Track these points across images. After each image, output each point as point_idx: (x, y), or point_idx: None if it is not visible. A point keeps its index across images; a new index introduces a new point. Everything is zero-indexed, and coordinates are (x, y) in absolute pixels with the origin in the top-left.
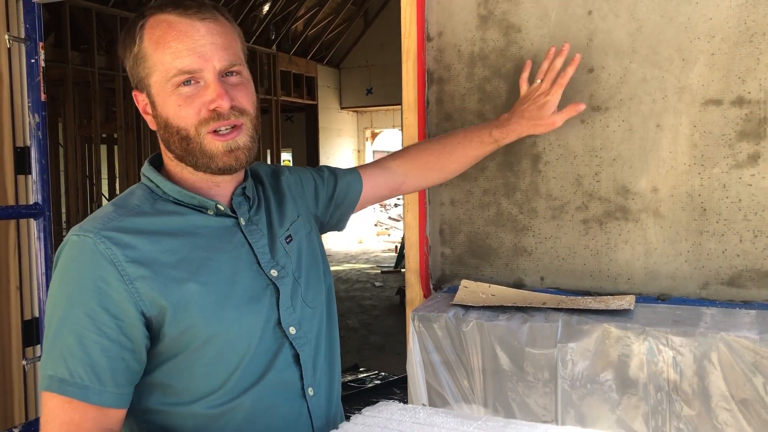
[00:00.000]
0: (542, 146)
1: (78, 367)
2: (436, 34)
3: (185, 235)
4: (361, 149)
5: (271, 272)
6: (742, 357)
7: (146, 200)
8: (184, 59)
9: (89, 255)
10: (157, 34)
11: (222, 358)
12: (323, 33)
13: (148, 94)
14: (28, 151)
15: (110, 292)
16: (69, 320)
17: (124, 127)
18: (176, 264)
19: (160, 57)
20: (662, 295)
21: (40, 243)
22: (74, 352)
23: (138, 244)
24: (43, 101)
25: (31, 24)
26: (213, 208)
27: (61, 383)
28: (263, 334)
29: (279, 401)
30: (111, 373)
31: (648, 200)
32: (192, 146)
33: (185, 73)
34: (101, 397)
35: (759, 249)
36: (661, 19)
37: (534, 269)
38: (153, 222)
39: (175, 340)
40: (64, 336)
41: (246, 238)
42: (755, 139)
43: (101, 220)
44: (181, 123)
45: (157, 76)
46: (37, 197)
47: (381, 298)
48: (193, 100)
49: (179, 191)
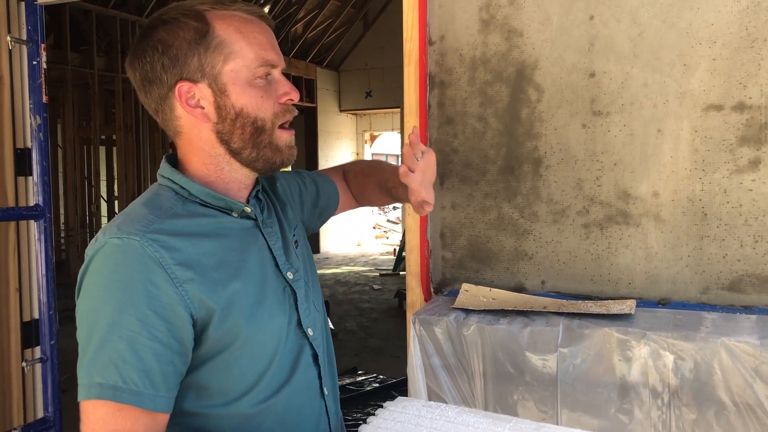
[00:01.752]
0: (543, 150)
1: (132, 373)
2: (438, 38)
3: (217, 237)
4: (360, 152)
5: (288, 274)
6: (743, 362)
7: (176, 202)
8: (269, 52)
9: (137, 258)
10: (236, 24)
11: (256, 358)
12: (323, 36)
13: (213, 82)
14: (28, 152)
15: (160, 295)
16: (119, 326)
17: (123, 129)
18: (216, 266)
19: (246, 45)
20: (663, 300)
21: (40, 245)
22: (126, 358)
23: (181, 246)
24: (44, 103)
25: (33, 26)
26: (239, 210)
27: (115, 390)
28: (288, 335)
29: (305, 400)
30: (163, 378)
31: (649, 205)
32: (263, 138)
33: (269, 66)
34: (155, 402)
35: (760, 254)
36: (662, 25)
37: (535, 273)
38: (188, 224)
39: (218, 341)
40: (114, 342)
41: (266, 241)
42: (756, 144)
43: (141, 221)
44: (261, 113)
45: (237, 63)
46: (37, 199)
47: (379, 301)
48: (270, 93)
49: (207, 193)
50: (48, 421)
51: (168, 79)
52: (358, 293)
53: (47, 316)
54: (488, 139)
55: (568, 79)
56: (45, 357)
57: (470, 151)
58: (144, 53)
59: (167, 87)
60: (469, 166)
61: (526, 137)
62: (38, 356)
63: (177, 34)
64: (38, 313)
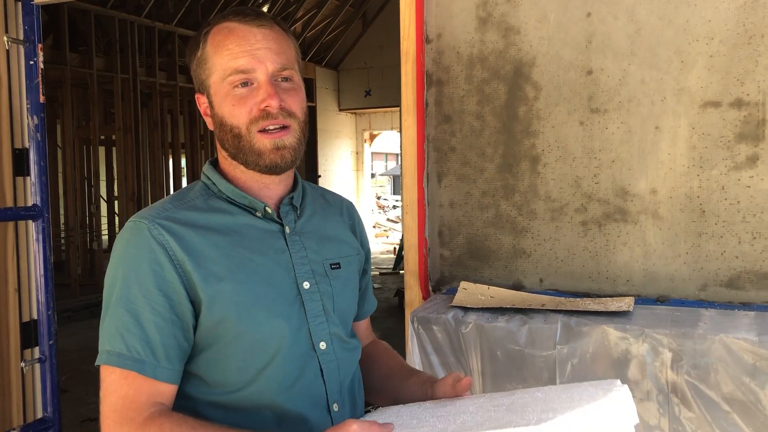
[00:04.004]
0: (541, 148)
1: (135, 343)
2: (435, 36)
3: (231, 233)
4: (360, 151)
5: (304, 284)
6: (741, 358)
7: (201, 196)
8: (239, 60)
9: (144, 239)
10: (217, 39)
11: (252, 355)
12: (322, 35)
13: (207, 94)
14: (26, 152)
15: (164, 274)
16: (125, 299)
17: (123, 129)
18: (217, 258)
19: (219, 59)
20: (661, 297)
21: (38, 245)
22: (131, 329)
23: (187, 235)
24: (41, 103)
25: (29, 26)
26: (261, 210)
27: (119, 357)
28: (294, 341)
29: (308, 411)
30: (164, 350)
31: (647, 202)
32: (243, 143)
33: (239, 73)
34: (155, 371)
35: (758, 251)
36: (659, 22)
37: (533, 271)
38: (204, 217)
39: (210, 331)
40: (121, 314)
41: (287, 246)
42: (754, 140)
43: (157, 209)
44: (234, 121)
45: (215, 76)
46: (35, 199)
47: (379, 300)
48: (246, 100)
49: (233, 190)
50: (47, 422)
51: (196, 88)
52: None
53: (46, 317)
54: (486, 137)
55: (565, 77)
56: (44, 357)
57: (468, 149)
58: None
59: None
60: (467, 164)
61: (523, 135)
62: (37, 356)
63: (189, 50)
64: (37, 313)
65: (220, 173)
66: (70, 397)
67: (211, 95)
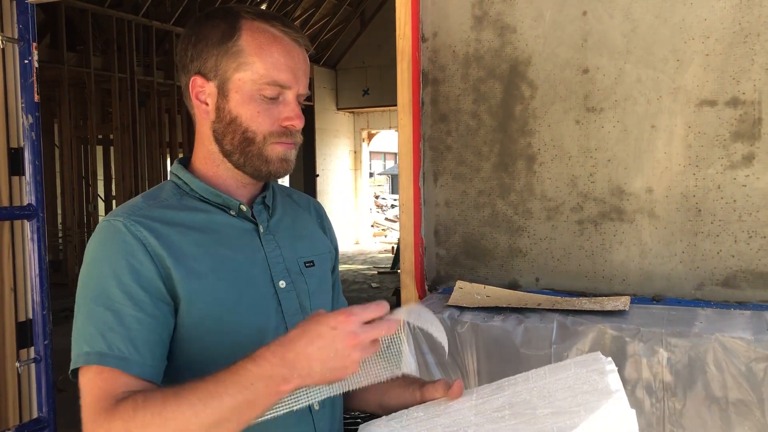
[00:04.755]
0: (537, 147)
1: (117, 341)
2: (431, 35)
3: (208, 231)
4: (358, 150)
5: (280, 283)
6: (737, 357)
7: (174, 195)
8: (282, 74)
9: (120, 236)
10: (261, 40)
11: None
12: (320, 34)
13: (221, 85)
14: (21, 152)
15: (141, 269)
16: (104, 297)
17: (120, 129)
18: (198, 257)
19: (259, 60)
20: (657, 296)
21: (33, 244)
22: (112, 327)
23: (165, 232)
24: (36, 102)
25: (24, 24)
26: (236, 208)
27: (101, 356)
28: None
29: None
30: (149, 346)
31: (643, 201)
32: (251, 149)
33: (278, 86)
34: (142, 369)
35: (754, 250)
36: (655, 20)
37: (529, 270)
38: (179, 215)
39: (189, 330)
40: (100, 312)
41: (262, 245)
42: (750, 139)
43: (130, 208)
44: (253, 126)
45: (246, 74)
46: (30, 198)
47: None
48: (272, 112)
49: (206, 188)
50: (42, 421)
51: (191, 68)
52: (357, 291)
53: (41, 316)
54: (482, 135)
55: (561, 75)
56: (39, 357)
57: (464, 148)
58: (183, 40)
59: (188, 76)
60: (463, 163)
61: (519, 134)
62: (32, 356)
63: (208, 32)
64: (32, 313)
65: (192, 172)
66: (66, 397)
67: (230, 89)
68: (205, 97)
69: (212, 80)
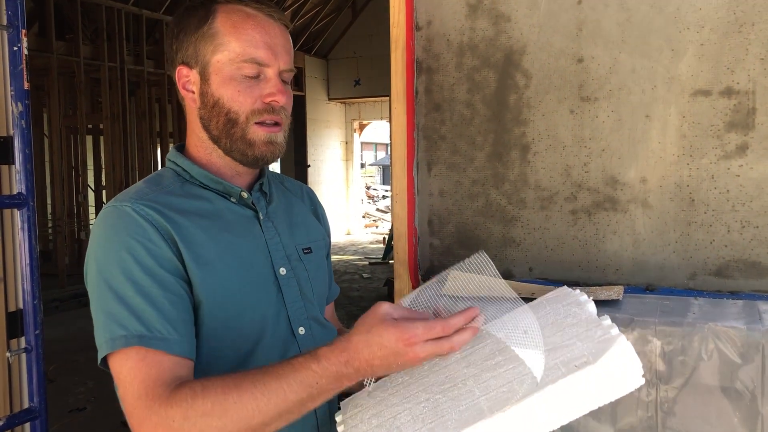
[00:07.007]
0: (531, 136)
1: (154, 322)
2: (425, 24)
3: (213, 218)
4: (349, 140)
5: (280, 270)
6: (730, 347)
7: (175, 182)
8: (259, 50)
9: (131, 219)
10: (234, 19)
11: (242, 338)
12: (311, 23)
13: (202, 70)
14: (11, 140)
15: (159, 251)
16: (128, 280)
17: (110, 118)
18: (204, 243)
19: (234, 40)
20: (650, 286)
21: (23, 233)
22: (145, 309)
23: (173, 217)
24: (26, 90)
25: (13, 11)
26: (236, 195)
27: (141, 338)
28: (275, 326)
29: None
30: (184, 325)
31: (636, 191)
32: (235, 130)
33: (256, 63)
34: (182, 348)
35: (746, 239)
36: (650, 9)
37: (522, 260)
38: (183, 202)
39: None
40: (129, 297)
41: (262, 232)
42: (744, 129)
43: (136, 193)
44: (235, 107)
45: (223, 55)
46: (20, 187)
47: (369, 290)
48: (252, 90)
49: (206, 175)
50: (33, 411)
51: (175, 60)
52: (348, 282)
53: (32, 306)
54: (476, 125)
55: (555, 65)
56: (29, 347)
57: (458, 137)
58: (168, 33)
59: (174, 67)
60: (457, 152)
61: (513, 123)
62: (23, 346)
63: (187, 21)
64: (23, 303)
65: (189, 159)
66: (57, 387)
67: (210, 73)
68: (191, 86)
69: (194, 67)
